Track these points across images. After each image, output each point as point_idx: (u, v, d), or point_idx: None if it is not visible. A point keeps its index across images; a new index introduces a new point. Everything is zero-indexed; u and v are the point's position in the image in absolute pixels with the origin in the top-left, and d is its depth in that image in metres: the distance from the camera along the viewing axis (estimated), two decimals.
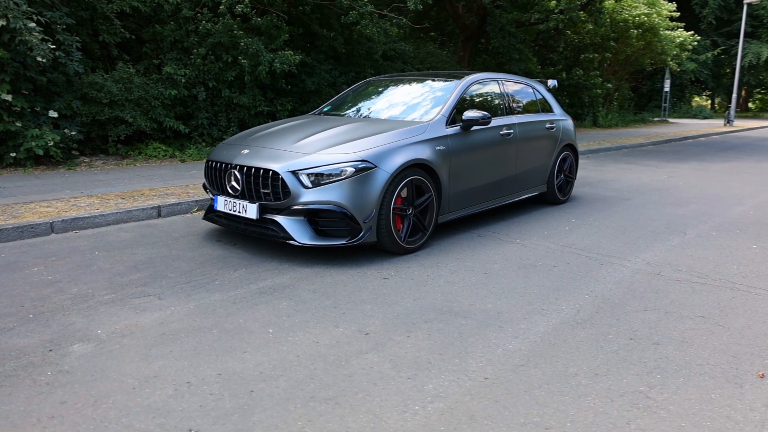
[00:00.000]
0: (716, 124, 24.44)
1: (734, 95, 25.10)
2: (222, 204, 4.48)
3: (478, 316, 3.23)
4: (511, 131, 5.52)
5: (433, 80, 5.64)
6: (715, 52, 30.80)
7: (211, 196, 4.73)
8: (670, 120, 27.11)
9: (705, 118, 30.48)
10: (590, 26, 20.68)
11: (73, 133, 8.33)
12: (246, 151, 4.44)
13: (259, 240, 4.77)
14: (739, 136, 19.66)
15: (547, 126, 6.17)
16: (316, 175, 4.08)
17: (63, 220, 5.09)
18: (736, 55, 32.03)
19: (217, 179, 4.55)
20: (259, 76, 10.23)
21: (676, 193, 7.43)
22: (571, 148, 6.65)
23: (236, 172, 4.33)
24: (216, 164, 4.56)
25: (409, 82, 5.80)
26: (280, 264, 4.16)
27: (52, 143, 7.80)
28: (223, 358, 2.70)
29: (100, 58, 9.66)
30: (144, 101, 9.26)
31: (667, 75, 27.09)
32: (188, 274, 3.94)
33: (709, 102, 45.79)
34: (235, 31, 9.96)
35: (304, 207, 4.08)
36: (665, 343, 2.90)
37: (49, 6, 8.28)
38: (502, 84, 5.82)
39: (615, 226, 5.51)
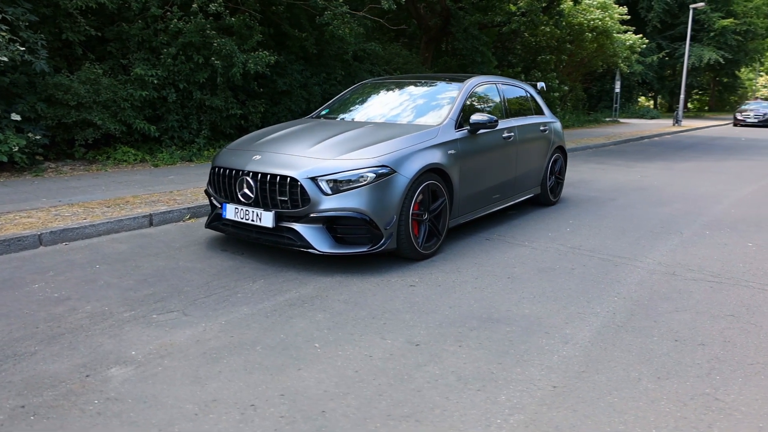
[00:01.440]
0: (665, 124, 25.51)
1: (682, 96, 26.30)
2: (232, 212, 4.30)
3: (520, 323, 3.21)
4: (512, 134, 5.56)
5: (435, 83, 5.61)
6: (661, 55, 32.14)
7: (218, 203, 4.53)
8: (621, 120, 28.12)
9: (652, 118, 31.77)
10: (548, 29, 21.21)
11: (38, 137, 7.87)
12: (258, 156, 4.28)
13: (266, 249, 4.61)
14: (690, 135, 20.59)
15: (542, 128, 6.25)
16: (336, 181, 3.98)
17: (52, 232, 4.79)
18: (679, 57, 33.60)
19: (225, 186, 4.37)
20: (232, 78, 9.96)
21: (656, 193, 7.68)
22: (561, 150, 6.77)
23: (249, 179, 4.16)
24: (224, 171, 4.37)
25: (409, 85, 5.76)
26: (298, 274, 4.04)
27: (16, 148, 7.33)
28: (278, 377, 2.57)
29: (64, 57, 9.17)
30: (113, 103, 8.85)
31: (618, 77, 28.08)
32: (205, 287, 3.76)
33: (652, 102, 47.80)
34: (208, 31, 9.66)
35: (324, 214, 3.96)
36: (710, 344, 2.96)
37: (10, 1, 7.79)
38: (500, 86, 5.86)
39: (613, 226, 5.63)
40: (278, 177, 4.04)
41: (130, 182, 7.32)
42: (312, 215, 3.99)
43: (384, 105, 5.45)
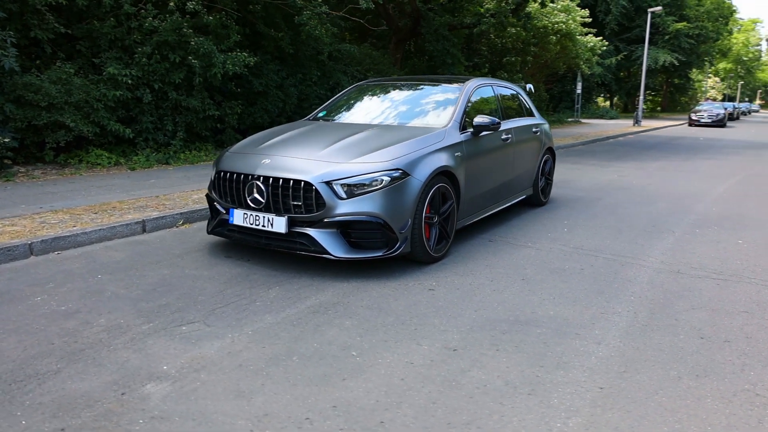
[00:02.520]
0: (626, 124, 26.30)
1: (641, 97, 27.16)
2: (240, 218, 4.19)
3: (549, 325, 3.24)
4: (509, 136, 5.61)
5: (433, 85, 5.61)
6: (619, 58, 33.10)
7: (222, 209, 4.40)
8: (583, 120, 28.84)
9: (611, 118, 32.70)
10: (514, 30, 21.55)
11: (7, 140, 7.52)
12: (267, 160, 4.18)
13: (272, 254, 4.51)
14: (651, 135, 21.28)
15: (534, 130, 6.34)
16: (351, 185, 3.92)
17: (43, 241, 4.56)
18: (635, 59, 34.72)
19: (233, 191, 4.25)
20: (211, 79, 9.74)
21: (638, 192, 7.89)
22: (551, 151, 6.88)
23: (260, 184, 4.06)
24: (231, 175, 4.25)
25: (406, 87, 5.74)
26: (312, 280, 3.96)
27: None
28: (325, 389, 2.51)
29: (32, 56, 8.77)
30: (85, 104, 8.51)
31: (579, 78, 28.79)
32: (220, 295, 3.65)
33: (608, 103, 49.25)
34: (185, 30, 9.41)
35: (339, 219, 3.90)
36: (734, 341, 3.05)
37: None
38: (495, 88, 5.91)
39: (607, 226, 5.76)
40: (291, 181, 3.95)
41: (110, 186, 7.05)
42: (326, 220, 3.92)
43: (384, 107, 5.42)
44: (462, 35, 21.51)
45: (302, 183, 3.92)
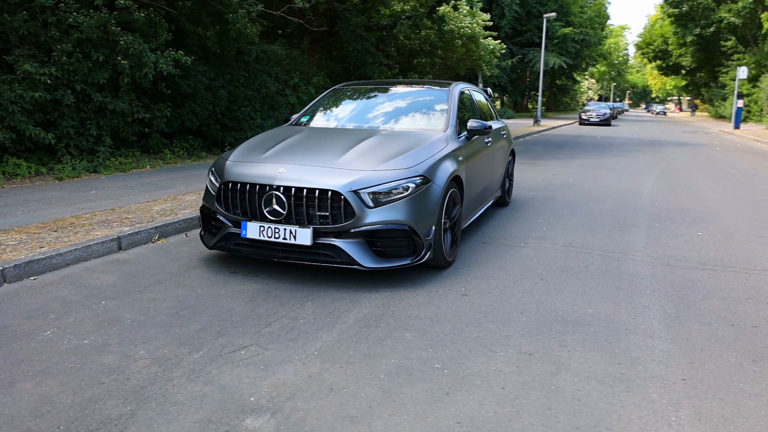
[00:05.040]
0: (527, 124, 27.93)
1: (540, 98, 28.91)
2: (254, 231, 3.95)
3: (596, 322, 3.39)
4: (490, 138, 5.78)
5: (416, 88, 5.63)
6: (514, 60, 35.06)
7: (228, 222, 4.13)
8: None
9: (509, 117, 34.56)
10: (424, 33, 22.09)
11: None
12: (283, 169, 3.98)
13: (282, 268, 4.31)
14: (554, 134, 22.76)
15: (502, 132, 6.57)
16: (376, 193, 3.85)
17: (16, 266, 4.03)
18: (528, 62, 36.94)
19: (245, 203, 4.00)
20: (141, 80, 9.06)
21: (581, 190, 8.43)
22: (513, 152, 7.16)
23: (279, 194, 3.86)
24: (244, 186, 4.00)
25: (390, 91, 5.71)
26: (339, 293, 3.85)
27: None
28: (435, 405, 2.46)
29: None
30: None
31: (480, 79, 30.11)
32: (253, 316, 3.44)
33: (499, 103, 51.99)
34: (112, 27, 8.67)
35: (367, 228, 3.82)
36: (762, 326, 3.38)
37: None
38: (471, 92, 6.05)
39: (577, 223, 6.10)
40: (317, 191, 3.80)
41: (47, 200, 6.36)
42: (353, 230, 3.82)
43: (376, 112, 5.35)
44: (374, 37, 21.72)
45: (329, 193, 3.79)
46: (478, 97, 6.34)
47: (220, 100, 11.50)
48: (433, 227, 4.05)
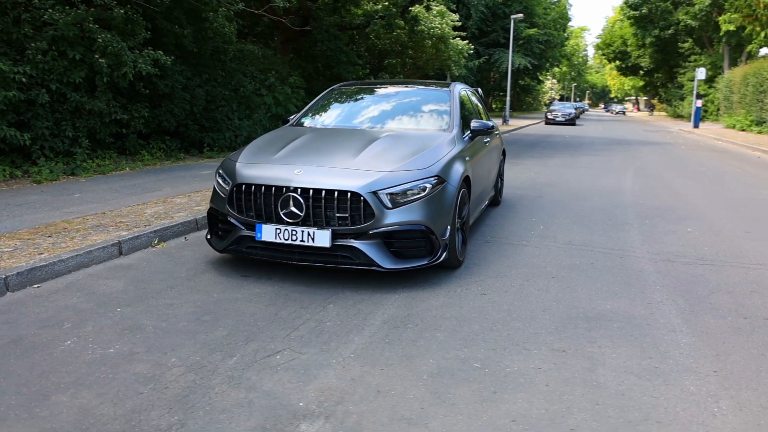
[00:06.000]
0: (495, 123, 28.24)
1: (508, 98, 29.34)
2: (270, 233, 3.89)
3: (617, 318, 3.48)
4: (488, 139, 5.84)
5: (416, 89, 5.65)
6: (481, 60, 35.47)
7: (240, 225, 4.06)
8: None
9: None
10: (395, 33, 22.15)
11: None
12: (299, 170, 3.94)
13: (293, 270, 4.26)
14: (524, 133, 23.15)
15: (496, 132, 6.64)
16: (394, 194, 3.85)
17: (18, 273, 3.88)
18: (494, 62, 37.43)
19: (260, 205, 3.94)
20: (118, 79, 8.80)
21: (566, 189, 8.61)
22: (504, 152, 7.26)
23: (297, 196, 3.81)
24: (259, 188, 3.93)
25: (388, 91, 5.72)
26: (359, 294, 3.83)
27: None
28: (486, 404, 2.48)
29: None
30: None
31: (449, 79, 30.38)
32: (278, 320, 3.40)
33: None
34: (89, 24, 8.40)
35: (386, 229, 3.81)
36: None
37: None
38: (468, 92, 6.10)
39: (571, 221, 6.23)
40: (336, 192, 3.77)
41: (31, 204, 6.13)
42: (371, 231, 3.81)
43: (378, 113, 5.34)
44: (346, 36, 21.65)
45: (348, 194, 3.76)
46: (473, 97, 6.39)
47: (198, 100, 11.28)
48: (449, 227, 4.08)
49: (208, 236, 4.47)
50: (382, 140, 4.45)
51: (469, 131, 5.10)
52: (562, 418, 2.38)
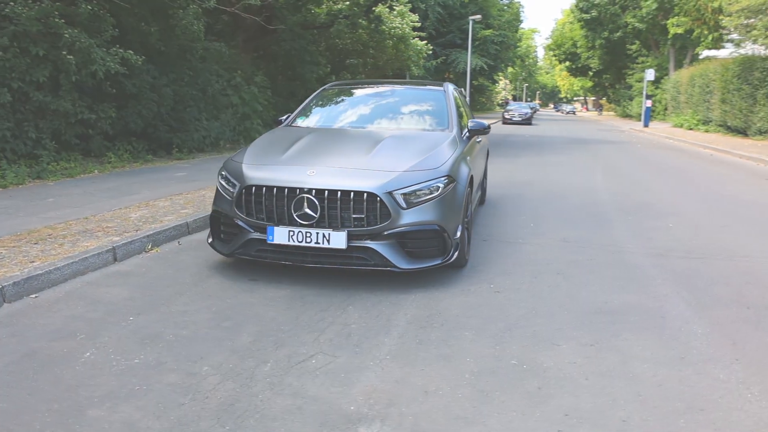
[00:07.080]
0: None
1: (467, 98, 29.69)
2: (283, 236, 3.82)
3: (631, 312, 3.58)
4: (480, 138, 5.92)
5: (409, 89, 5.67)
6: (438, 61, 35.86)
7: (250, 228, 3.97)
8: None
9: None
10: (357, 32, 22.12)
11: None
12: (312, 171, 3.88)
13: (303, 272, 4.20)
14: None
15: None
16: (408, 194, 3.85)
17: (15, 283, 3.67)
18: (451, 63, 37.89)
19: (272, 207, 3.85)
20: (85, 78, 8.45)
21: (543, 187, 8.81)
22: (488, 152, 7.36)
23: (312, 197, 3.76)
24: (271, 190, 3.85)
25: (382, 91, 5.71)
26: (375, 295, 3.81)
27: None
28: (534, 400, 2.52)
29: None
30: None
31: (408, 78, 30.56)
32: (300, 323, 3.35)
33: None
34: (55, 20, 8.02)
35: (401, 229, 3.81)
36: None
37: None
38: (456, 92, 6.16)
39: (558, 218, 6.38)
40: (352, 193, 3.74)
41: (3, 210, 5.83)
42: (386, 232, 3.80)
43: (377, 112, 5.32)
44: (308, 35, 21.46)
45: (365, 194, 3.74)
46: (462, 97, 6.46)
47: (166, 100, 10.95)
48: (460, 226, 4.11)
49: (210, 240, 4.35)
50: (388, 140, 4.44)
51: (467, 131, 5.14)
52: (611, 411, 2.44)
